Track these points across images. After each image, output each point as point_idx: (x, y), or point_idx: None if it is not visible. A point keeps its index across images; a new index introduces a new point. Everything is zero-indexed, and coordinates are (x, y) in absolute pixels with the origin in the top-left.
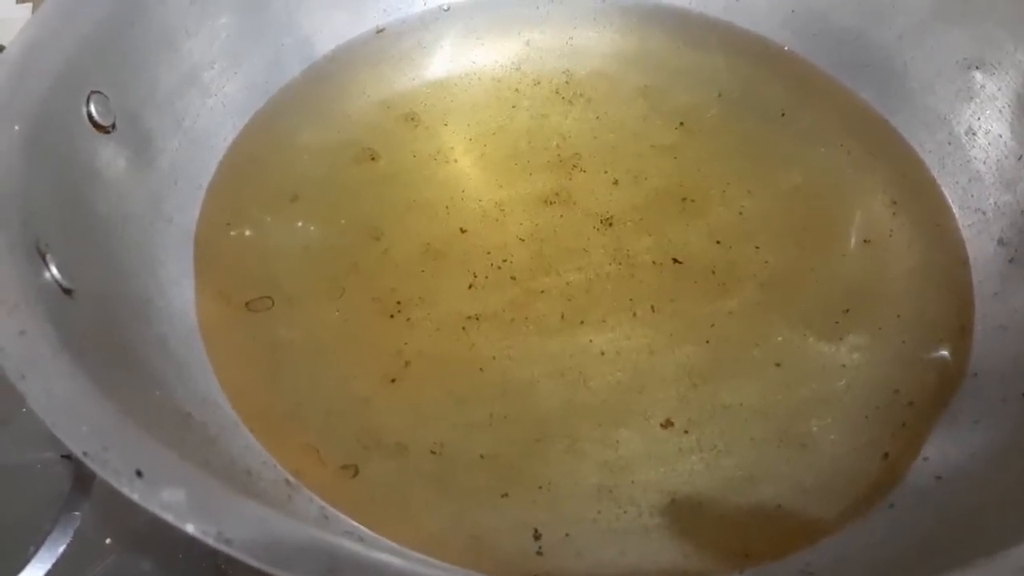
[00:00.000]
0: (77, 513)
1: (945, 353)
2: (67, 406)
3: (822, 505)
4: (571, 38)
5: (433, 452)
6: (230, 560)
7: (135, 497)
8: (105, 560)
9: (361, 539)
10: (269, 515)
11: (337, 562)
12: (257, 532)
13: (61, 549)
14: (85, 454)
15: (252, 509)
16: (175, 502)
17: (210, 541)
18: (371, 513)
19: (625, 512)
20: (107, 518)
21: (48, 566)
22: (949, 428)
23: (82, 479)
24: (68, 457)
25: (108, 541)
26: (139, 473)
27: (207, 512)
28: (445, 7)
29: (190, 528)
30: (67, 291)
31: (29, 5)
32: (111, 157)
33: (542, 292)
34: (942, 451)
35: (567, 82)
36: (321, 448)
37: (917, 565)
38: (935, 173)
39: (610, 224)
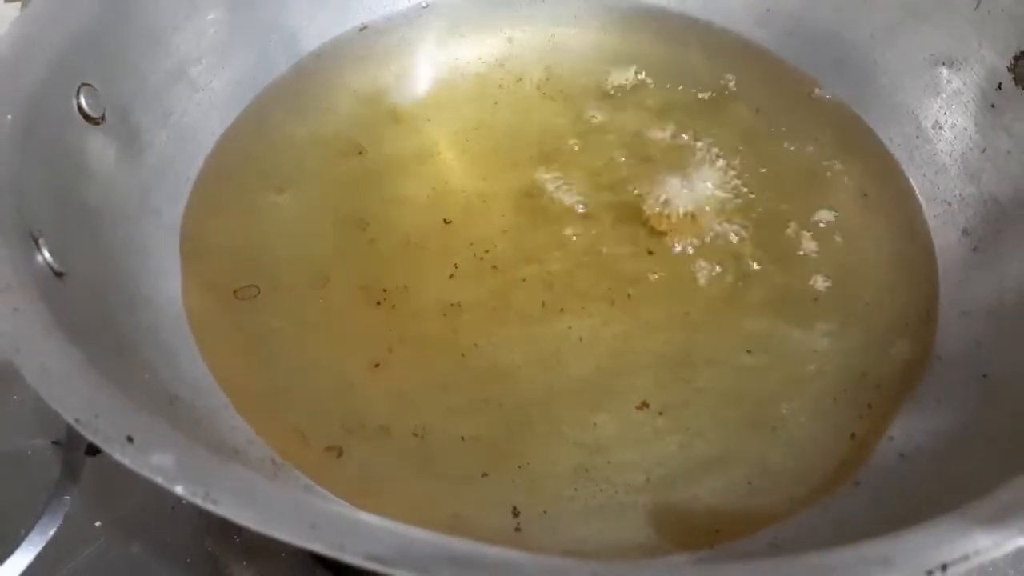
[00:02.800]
0: (67, 497)
1: (911, 338)
2: (60, 377)
3: (791, 484)
4: (553, 36)
5: (416, 435)
6: (218, 541)
7: (126, 461)
8: (94, 543)
9: None
10: (254, 477)
11: (320, 520)
12: (243, 493)
13: (51, 532)
14: (78, 421)
15: (238, 472)
16: (164, 466)
17: (198, 501)
18: (354, 492)
19: (601, 491)
20: (96, 502)
21: (38, 549)
22: (914, 409)
23: (72, 465)
24: (58, 443)
25: (97, 524)
26: (130, 439)
27: (195, 474)
28: (424, 4)
29: (179, 489)
30: (59, 274)
31: (17, 4)
32: (101, 148)
33: (523, 281)
34: (906, 431)
35: (548, 79)
36: (306, 430)
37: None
38: (904, 166)
39: (589, 216)
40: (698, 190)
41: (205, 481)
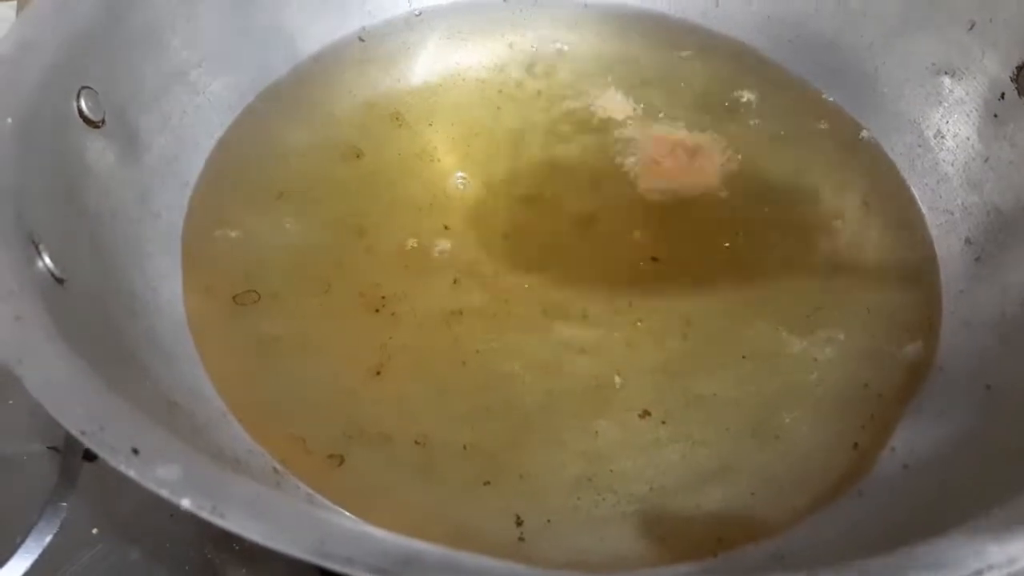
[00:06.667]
0: (64, 504)
1: (913, 348)
2: (64, 388)
3: (794, 494)
4: (553, 42)
5: (417, 443)
6: (217, 548)
7: (131, 474)
8: (92, 550)
9: None
10: (262, 491)
11: (329, 536)
12: (250, 506)
13: (48, 539)
14: (83, 433)
15: (245, 485)
16: (170, 478)
17: (205, 515)
18: (356, 501)
19: (604, 500)
20: (93, 508)
21: (35, 556)
22: (916, 419)
23: (69, 470)
24: (55, 449)
25: (95, 531)
26: (135, 451)
27: (202, 487)
28: (417, 12)
29: (185, 503)
30: (60, 280)
31: (13, 4)
32: (100, 151)
33: (524, 288)
34: (909, 441)
35: (549, 84)
36: (307, 438)
37: (883, 549)
38: (905, 175)
39: (591, 222)
40: (699, 196)
41: (212, 494)
